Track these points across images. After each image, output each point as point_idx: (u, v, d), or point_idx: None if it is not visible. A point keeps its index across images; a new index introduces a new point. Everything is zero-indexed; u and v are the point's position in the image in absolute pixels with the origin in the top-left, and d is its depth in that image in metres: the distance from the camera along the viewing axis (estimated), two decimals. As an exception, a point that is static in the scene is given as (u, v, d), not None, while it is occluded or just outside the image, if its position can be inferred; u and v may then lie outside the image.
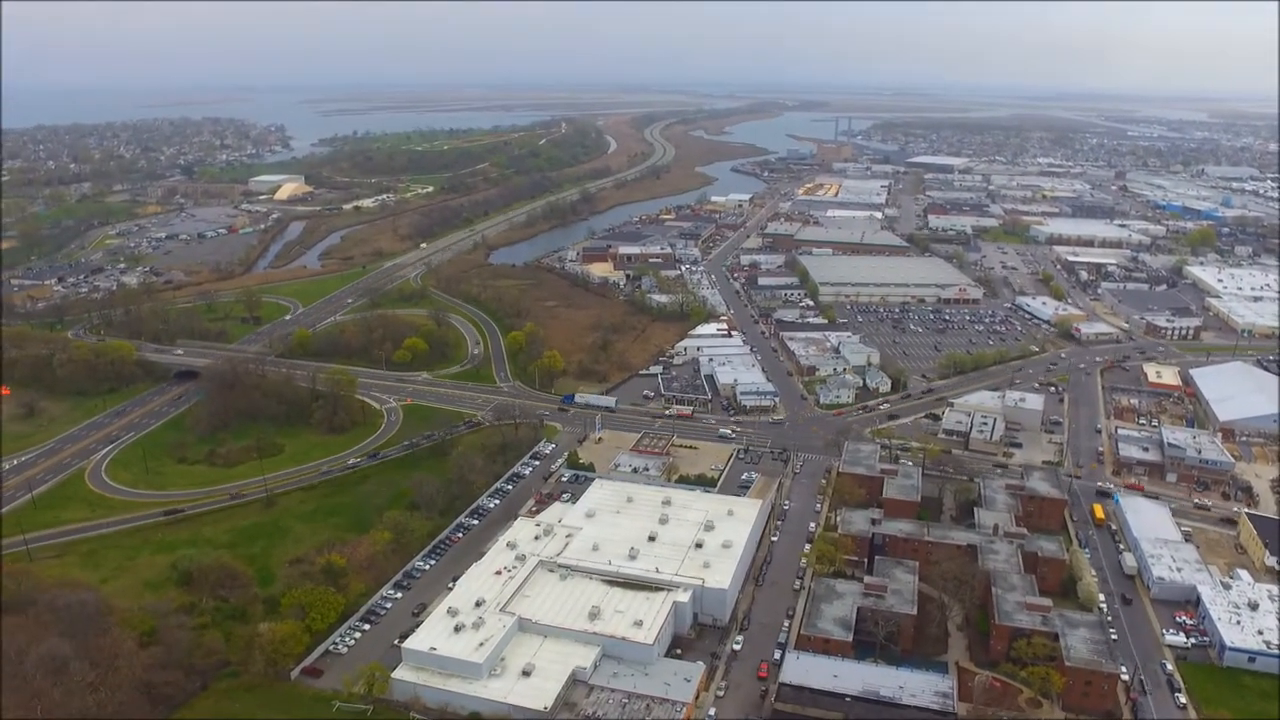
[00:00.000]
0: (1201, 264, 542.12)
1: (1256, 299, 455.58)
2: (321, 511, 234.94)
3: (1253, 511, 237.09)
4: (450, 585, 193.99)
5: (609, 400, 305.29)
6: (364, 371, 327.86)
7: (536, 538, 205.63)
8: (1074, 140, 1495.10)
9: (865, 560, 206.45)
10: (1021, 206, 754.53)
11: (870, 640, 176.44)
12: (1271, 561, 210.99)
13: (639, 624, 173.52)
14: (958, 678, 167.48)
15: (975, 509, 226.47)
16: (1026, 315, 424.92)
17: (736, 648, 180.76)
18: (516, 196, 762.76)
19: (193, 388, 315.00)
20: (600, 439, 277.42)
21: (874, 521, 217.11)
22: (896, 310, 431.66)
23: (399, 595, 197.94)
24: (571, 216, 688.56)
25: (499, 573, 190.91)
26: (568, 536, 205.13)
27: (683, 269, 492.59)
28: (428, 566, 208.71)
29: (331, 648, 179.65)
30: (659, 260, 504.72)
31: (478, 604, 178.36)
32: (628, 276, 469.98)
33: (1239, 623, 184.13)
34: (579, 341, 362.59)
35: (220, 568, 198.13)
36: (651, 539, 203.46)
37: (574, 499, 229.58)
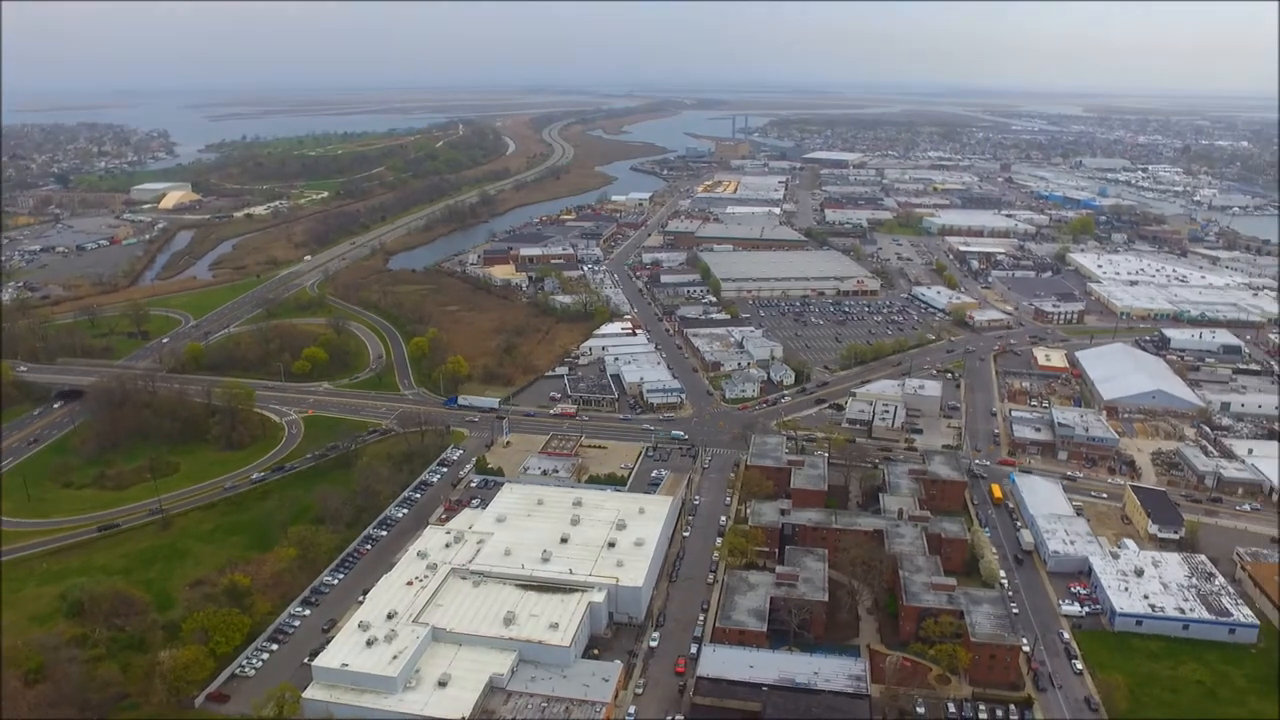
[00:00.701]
0: (1082, 251, 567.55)
1: (1133, 283, 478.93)
2: (222, 530, 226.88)
3: (1136, 484, 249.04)
4: (360, 599, 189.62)
5: (491, 401, 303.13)
6: (262, 384, 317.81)
7: (447, 545, 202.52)
8: (961, 135, 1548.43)
9: (776, 550, 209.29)
10: (914, 199, 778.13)
11: (784, 629, 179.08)
12: (1154, 530, 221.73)
13: (555, 626, 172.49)
14: (870, 660, 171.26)
15: (880, 495, 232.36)
16: (922, 304, 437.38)
17: (653, 644, 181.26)
18: (414, 200, 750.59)
19: (77, 408, 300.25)
20: (508, 443, 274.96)
21: (783, 512, 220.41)
22: (797, 304, 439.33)
23: (307, 612, 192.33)
24: (471, 219, 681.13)
25: (410, 583, 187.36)
26: (479, 542, 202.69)
27: (585, 269, 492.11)
28: (336, 581, 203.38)
29: (238, 671, 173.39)
30: (561, 261, 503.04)
31: (389, 616, 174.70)
32: (530, 278, 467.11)
33: (1127, 589, 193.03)
34: (483, 345, 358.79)
35: (114, 595, 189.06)
36: (564, 541, 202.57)
37: (484, 504, 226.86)
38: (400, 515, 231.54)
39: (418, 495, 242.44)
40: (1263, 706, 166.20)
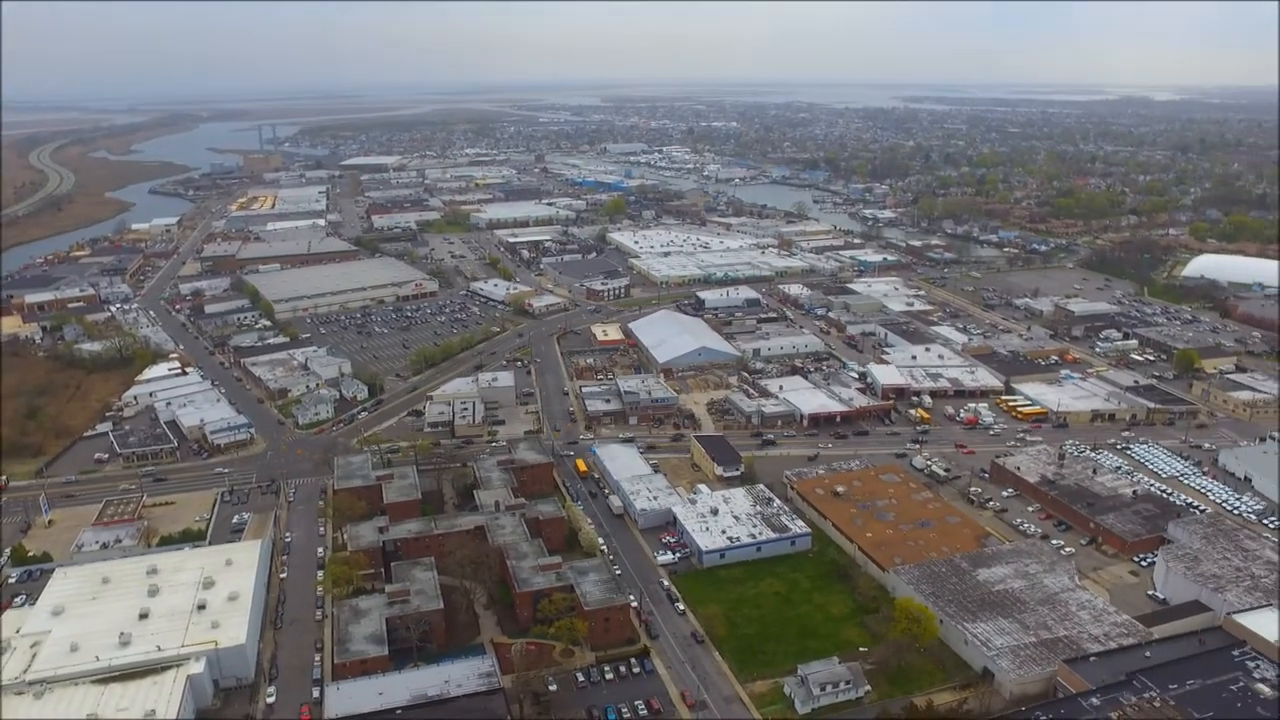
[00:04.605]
0: (619, 229, 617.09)
1: (666, 254, 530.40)
2: None
3: (698, 434, 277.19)
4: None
5: None
6: None
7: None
8: (495, 130, 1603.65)
9: (382, 570, 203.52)
10: (458, 197, 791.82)
11: (406, 646, 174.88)
12: (720, 471, 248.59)
13: (152, 715, 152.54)
14: (496, 653, 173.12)
15: (475, 491, 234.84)
16: (482, 299, 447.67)
17: (270, 701, 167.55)
18: None
19: None
20: (51, 521, 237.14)
21: (381, 530, 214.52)
22: (358, 315, 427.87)
23: None
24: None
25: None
26: (34, 646, 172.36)
27: (113, 309, 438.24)
28: None
29: None
30: (81, 304, 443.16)
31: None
32: (44, 328, 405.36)
33: (708, 529, 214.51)
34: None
35: None
36: (144, 616, 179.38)
37: (31, 600, 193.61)
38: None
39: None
40: (824, 598, 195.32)
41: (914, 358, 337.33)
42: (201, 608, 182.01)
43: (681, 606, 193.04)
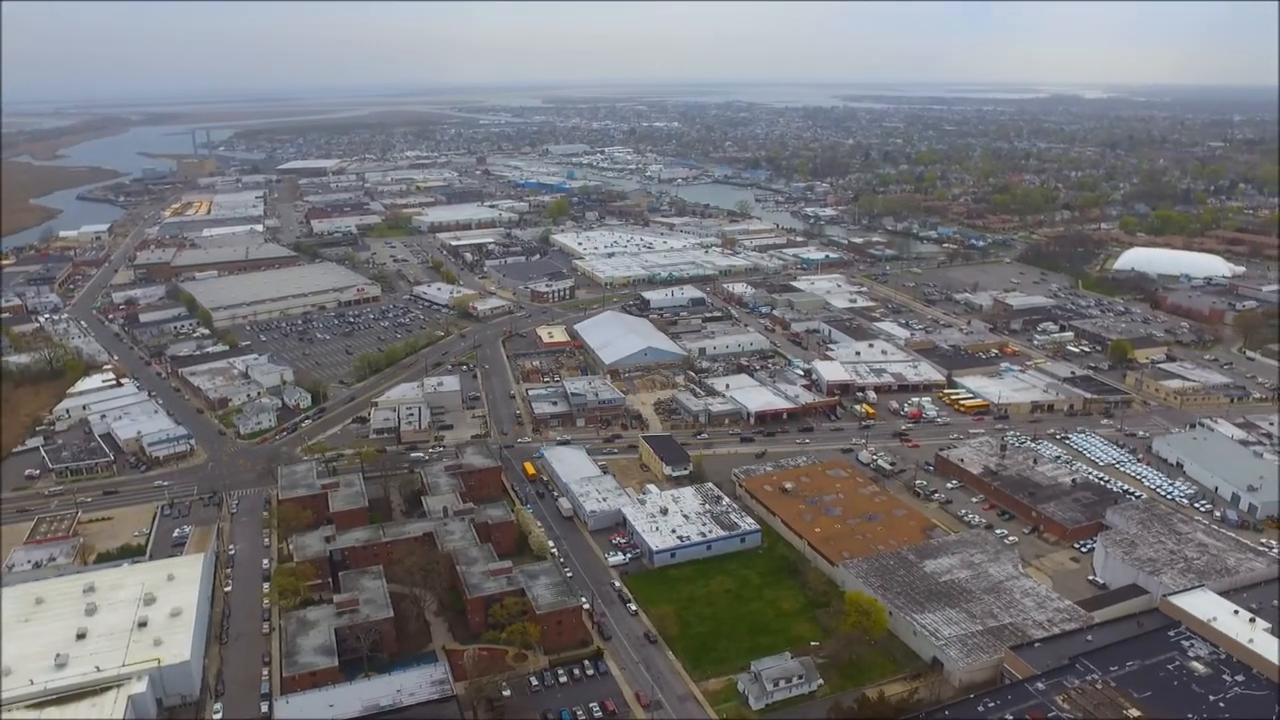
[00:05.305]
0: (563, 231, 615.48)
1: (610, 255, 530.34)
2: None
3: (646, 434, 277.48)
4: None
5: None
6: None
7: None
8: (435, 132, 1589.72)
9: (330, 580, 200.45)
10: (400, 200, 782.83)
11: (356, 657, 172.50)
12: (668, 470, 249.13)
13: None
14: (448, 660, 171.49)
15: (423, 498, 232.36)
16: (426, 303, 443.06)
17: (217, 717, 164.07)
18: None
19: None
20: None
21: (328, 539, 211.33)
22: (299, 322, 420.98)
23: None
24: None
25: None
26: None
27: (42, 320, 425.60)
28: None
29: None
30: (7, 315, 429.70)
31: None
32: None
33: (658, 528, 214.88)
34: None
35: None
36: (81, 636, 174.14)
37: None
38: None
39: None
40: (775, 594, 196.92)
41: (858, 354, 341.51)
42: (143, 625, 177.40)
43: (634, 607, 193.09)
